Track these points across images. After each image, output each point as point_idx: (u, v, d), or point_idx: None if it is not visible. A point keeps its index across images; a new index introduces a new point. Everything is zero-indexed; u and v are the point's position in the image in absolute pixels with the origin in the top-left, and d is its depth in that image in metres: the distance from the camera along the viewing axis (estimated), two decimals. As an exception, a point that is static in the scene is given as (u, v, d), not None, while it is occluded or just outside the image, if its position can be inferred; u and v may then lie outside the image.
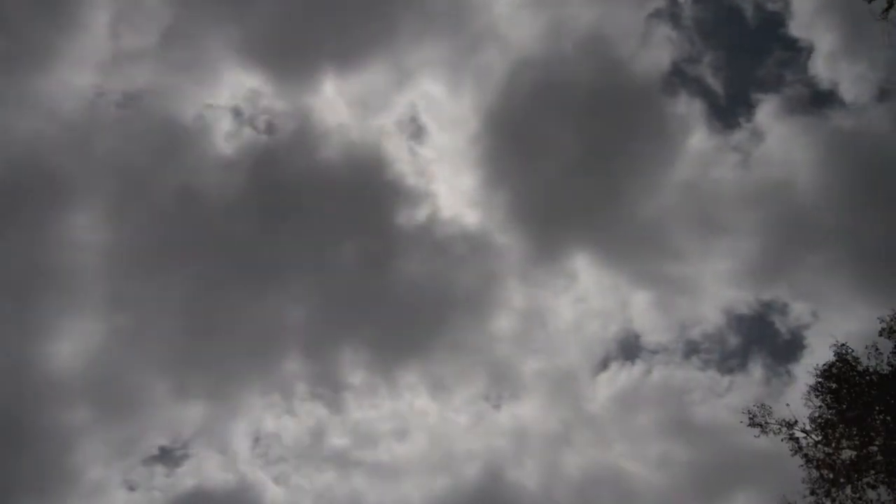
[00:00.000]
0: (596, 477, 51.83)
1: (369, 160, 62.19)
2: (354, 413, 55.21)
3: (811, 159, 64.90)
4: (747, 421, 24.31)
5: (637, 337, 61.88)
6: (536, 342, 61.14)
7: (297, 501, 51.05)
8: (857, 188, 61.72)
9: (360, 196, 60.10)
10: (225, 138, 59.13)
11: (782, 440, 23.69)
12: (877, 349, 23.12)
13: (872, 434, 22.18)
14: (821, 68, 66.59)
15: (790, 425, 23.64)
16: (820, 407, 23.28)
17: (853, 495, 22.28)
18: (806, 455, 23.21)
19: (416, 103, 65.71)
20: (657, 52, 65.79)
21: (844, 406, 22.79)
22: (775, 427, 23.81)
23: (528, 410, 57.33)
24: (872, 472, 22.08)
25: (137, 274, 53.92)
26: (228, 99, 61.70)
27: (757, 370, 58.99)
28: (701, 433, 54.93)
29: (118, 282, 53.54)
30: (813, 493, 22.79)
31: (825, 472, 22.68)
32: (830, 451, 22.77)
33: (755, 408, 24.20)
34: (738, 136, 67.35)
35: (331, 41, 62.73)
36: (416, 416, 56.25)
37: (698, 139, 66.28)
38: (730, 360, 65.96)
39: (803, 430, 23.45)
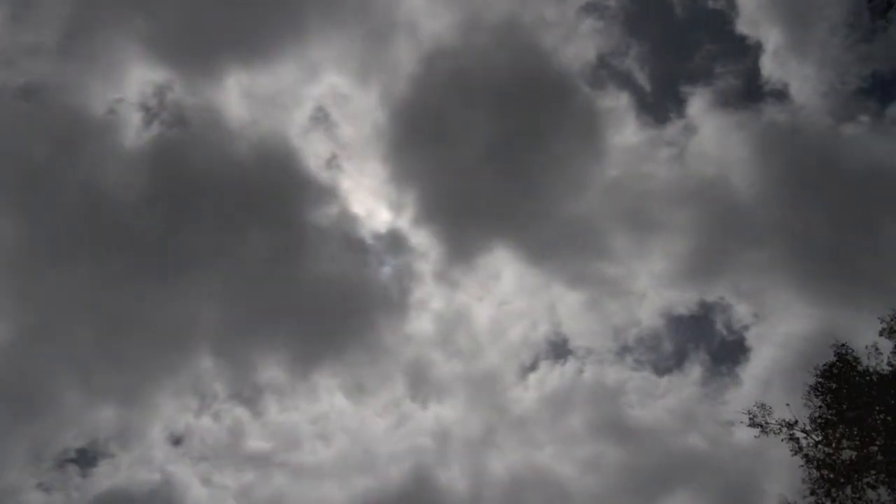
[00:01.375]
0: (525, 479, 51.26)
1: (278, 156, 60.52)
2: (273, 413, 54.39)
3: (746, 155, 63.51)
4: (747, 421, 24.26)
5: (567, 338, 60.71)
6: (458, 343, 60.12)
7: (217, 502, 50.08)
8: (794, 185, 60.94)
9: (269, 192, 58.57)
10: (132, 133, 57.27)
11: (782, 440, 23.67)
12: (877, 349, 23.16)
13: (873, 434, 22.18)
14: (755, 62, 65.14)
15: (790, 425, 23.61)
16: (820, 407, 23.27)
17: (853, 495, 22.26)
18: (806, 455, 23.18)
19: (325, 98, 63.93)
20: (584, 43, 63.95)
21: (844, 406, 22.79)
22: (775, 427, 23.78)
23: (451, 412, 56.26)
24: (873, 472, 22.07)
25: (45, 271, 52.22)
26: (135, 94, 58.93)
27: (695, 371, 58.28)
28: (635, 435, 54.51)
29: (25, 279, 51.93)
30: (813, 493, 22.77)
31: (825, 472, 22.66)
32: (830, 451, 22.76)
33: (755, 408, 24.19)
34: (671, 130, 65.50)
35: (239, 35, 61.08)
36: (335, 417, 55.51)
37: (628, 134, 64.37)
38: (666, 361, 65.49)
39: (803, 430, 23.43)
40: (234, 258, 55.50)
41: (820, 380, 23.47)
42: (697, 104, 65.45)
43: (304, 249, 57.67)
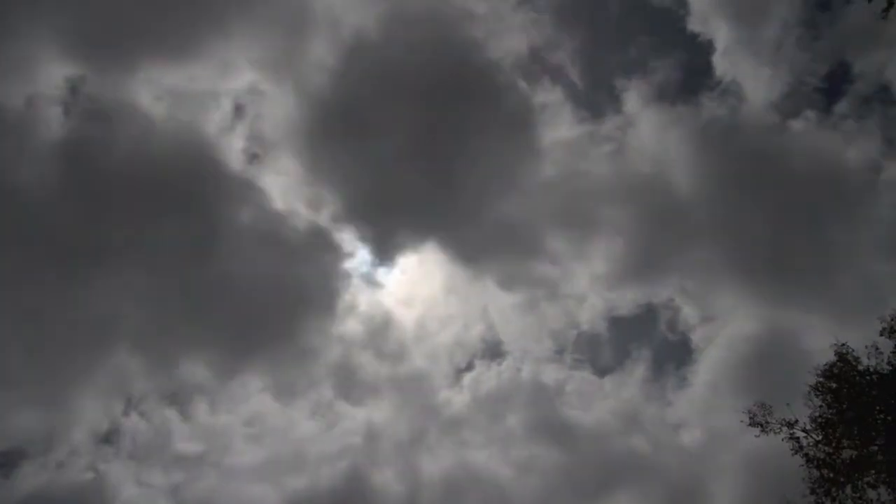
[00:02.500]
0: (460, 480, 51.18)
1: (196, 151, 59.07)
2: (202, 414, 53.88)
3: (688, 152, 63.25)
4: (748, 420, 24.28)
5: (503, 339, 61.10)
6: (387, 344, 59.33)
7: (147, 501, 49.99)
8: (739, 182, 60.89)
9: (188, 188, 56.93)
10: (47, 128, 56.13)
11: (783, 440, 23.69)
12: (877, 349, 23.14)
13: (873, 434, 22.19)
14: (698, 57, 66.44)
15: (791, 425, 23.64)
16: (820, 406, 23.28)
17: (853, 495, 22.29)
18: (806, 455, 23.21)
19: (243, 93, 62.77)
20: (515, 36, 64.82)
21: (845, 406, 22.80)
22: (776, 426, 23.81)
23: (382, 414, 56.04)
24: (873, 471, 22.09)
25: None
26: (50, 88, 58.01)
27: (638, 372, 59.25)
28: (575, 435, 54.97)
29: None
30: (813, 492, 22.79)
31: (825, 471, 22.69)
32: (831, 450, 22.78)
33: (755, 407, 24.22)
34: (608, 126, 65.19)
35: (156, 31, 59.59)
36: (263, 418, 55.16)
37: (564, 130, 63.64)
38: (607, 362, 65.09)
39: (804, 430, 23.45)
40: (152, 255, 53.83)
41: (820, 379, 23.47)
42: (636, 99, 65.43)
43: (224, 247, 55.96)
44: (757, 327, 57.27)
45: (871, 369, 22.96)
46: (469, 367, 58.62)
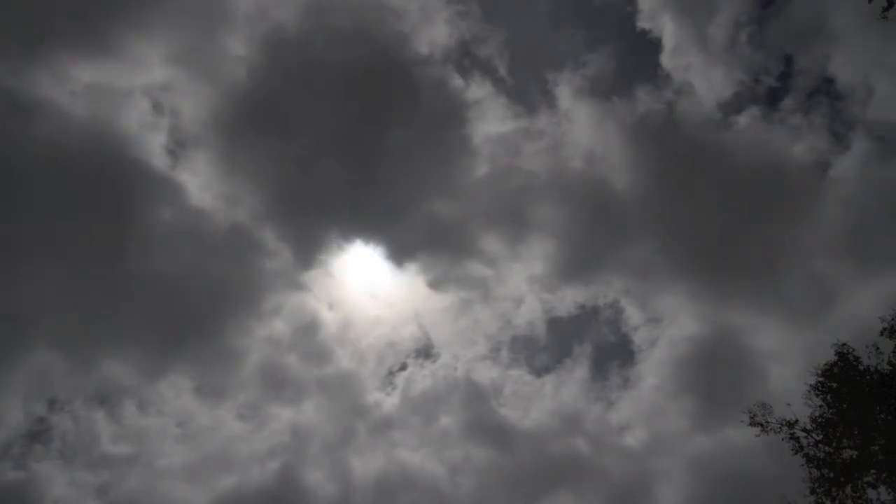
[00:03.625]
0: (392, 480, 50.47)
1: (115, 149, 55.89)
2: (129, 414, 52.52)
3: (627, 149, 61.03)
4: (748, 420, 24.24)
5: (436, 339, 59.28)
6: (314, 345, 57.94)
7: (75, 502, 48.29)
8: (680, 180, 59.08)
9: (107, 186, 53.71)
10: None
11: (783, 439, 23.63)
12: (877, 349, 23.13)
13: (873, 433, 22.16)
14: (641, 52, 63.93)
15: (791, 425, 23.59)
16: (821, 406, 23.26)
17: (853, 494, 22.24)
18: (807, 454, 23.16)
19: (161, 88, 59.62)
20: (443, 29, 60.15)
21: (845, 405, 22.78)
22: (776, 426, 23.75)
23: (311, 415, 55.09)
24: (873, 471, 22.05)
25: None
26: None
27: (577, 372, 57.99)
28: (512, 436, 53.87)
29: None
30: (813, 492, 22.75)
31: (826, 471, 22.65)
32: (831, 450, 22.74)
33: (755, 407, 24.17)
34: (543, 121, 62.86)
35: (71, 25, 56.04)
36: (190, 418, 53.81)
37: (496, 125, 61.47)
38: (544, 363, 63.87)
39: (804, 430, 23.40)
40: (72, 253, 51.52)
41: (821, 379, 23.46)
42: (572, 94, 62.90)
43: (145, 245, 53.79)
44: (701, 327, 56.94)
45: (872, 369, 22.96)
46: (401, 367, 57.40)
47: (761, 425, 23.96)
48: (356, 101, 57.80)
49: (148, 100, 58.23)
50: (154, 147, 57.53)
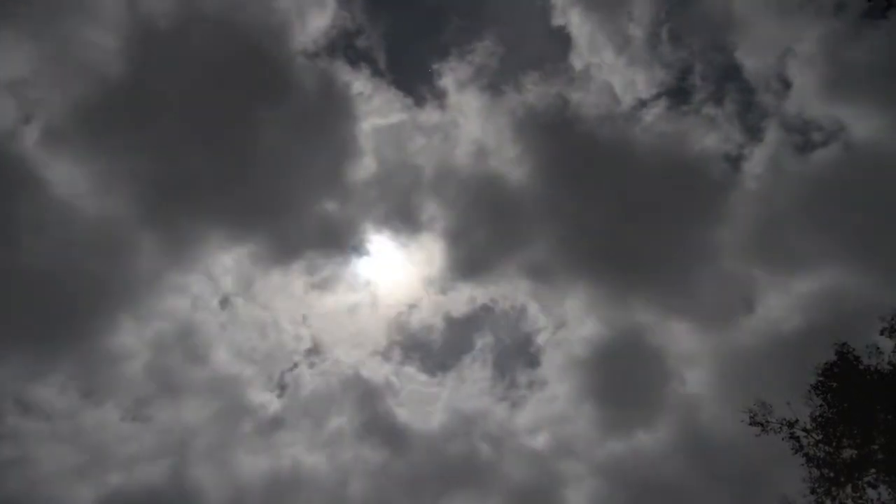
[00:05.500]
0: (281, 481, 49.93)
1: None
2: (8, 416, 50.29)
3: (522, 143, 59.22)
4: (748, 420, 24.19)
5: (324, 340, 58.92)
6: (199, 346, 56.31)
7: None
8: (580, 176, 58.06)
9: None
10: None
11: (783, 439, 23.59)
12: (877, 348, 23.11)
13: (873, 433, 22.13)
14: (543, 42, 62.38)
15: (791, 424, 23.53)
16: (821, 406, 23.22)
17: (853, 494, 22.20)
18: (807, 454, 23.12)
19: (24, 80, 56.08)
20: (323, 19, 58.32)
21: (845, 405, 22.75)
22: (776, 426, 23.71)
23: (196, 416, 53.99)
24: (873, 470, 22.02)
25: None
26: None
27: (474, 373, 57.61)
28: (405, 436, 53.57)
29: None
30: (813, 492, 22.71)
31: (826, 470, 22.61)
32: (831, 449, 22.70)
33: (755, 406, 24.12)
34: (432, 116, 61.16)
35: None
36: (72, 418, 52.86)
37: (380, 119, 59.76)
38: (438, 363, 63.46)
39: (804, 429, 23.36)
40: None
41: (821, 378, 23.43)
42: (460, 85, 61.40)
43: (13, 241, 51.23)
44: (607, 329, 56.13)
45: (872, 368, 22.93)
46: (290, 368, 56.88)
47: (761, 425, 23.90)
48: (237, 97, 55.63)
49: (13, 93, 55.22)
50: (22, 141, 54.56)
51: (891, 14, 20.34)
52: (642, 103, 58.47)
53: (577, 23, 60.32)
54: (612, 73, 60.06)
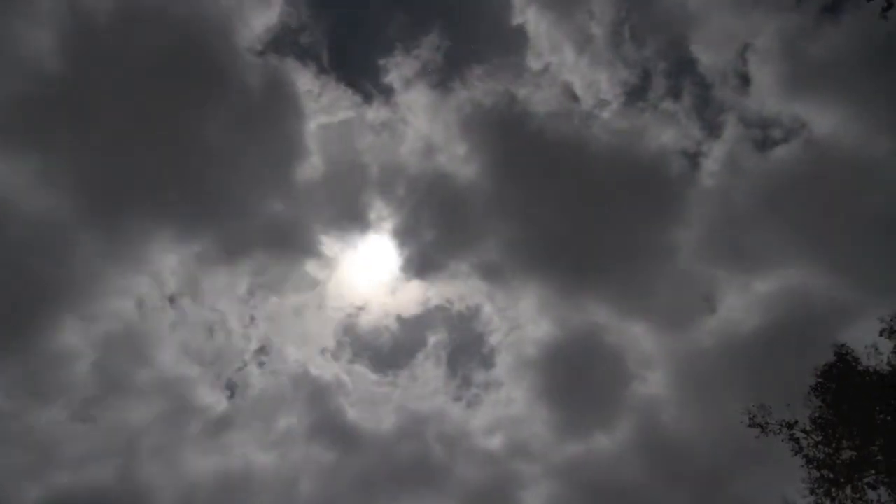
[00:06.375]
0: (231, 481, 49.32)
1: None
2: None
3: (472, 139, 58.16)
4: (747, 421, 24.20)
5: (273, 341, 57.42)
6: (146, 347, 54.94)
7: None
8: (533, 172, 56.32)
9: None
10: None
11: (783, 440, 23.63)
12: (876, 349, 23.14)
13: (873, 434, 22.18)
14: (485, 34, 60.23)
15: (790, 426, 23.58)
16: (820, 407, 23.25)
17: (853, 495, 22.28)
18: (806, 455, 23.17)
19: None
20: (265, 12, 56.65)
21: (845, 406, 22.78)
22: (775, 427, 23.74)
23: (143, 416, 52.53)
24: (873, 471, 22.09)
25: None
26: None
27: (426, 373, 56.37)
28: (356, 436, 52.72)
29: None
30: (813, 492, 22.78)
31: (825, 471, 22.67)
32: (831, 450, 22.75)
33: (754, 408, 24.15)
34: (381, 112, 59.72)
35: None
36: (18, 419, 50.14)
37: (325, 116, 58.52)
38: (389, 364, 62.27)
39: (804, 431, 23.40)
40: None
41: (820, 380, 23.45)
42: (408, 81, 59.44)
43: None
44: (561, 329, 55.36)
45: (871, 370, 22.97)
46: (239, 368, 56.04)
47: (761, 426, 23.95)
48: (181, 94, 54.02)
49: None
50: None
51: (891, 14, 20.07)
52: (601, 102, 57.63)
53: (532, 19, 59.15)
54: (571, 71, 59.04)
